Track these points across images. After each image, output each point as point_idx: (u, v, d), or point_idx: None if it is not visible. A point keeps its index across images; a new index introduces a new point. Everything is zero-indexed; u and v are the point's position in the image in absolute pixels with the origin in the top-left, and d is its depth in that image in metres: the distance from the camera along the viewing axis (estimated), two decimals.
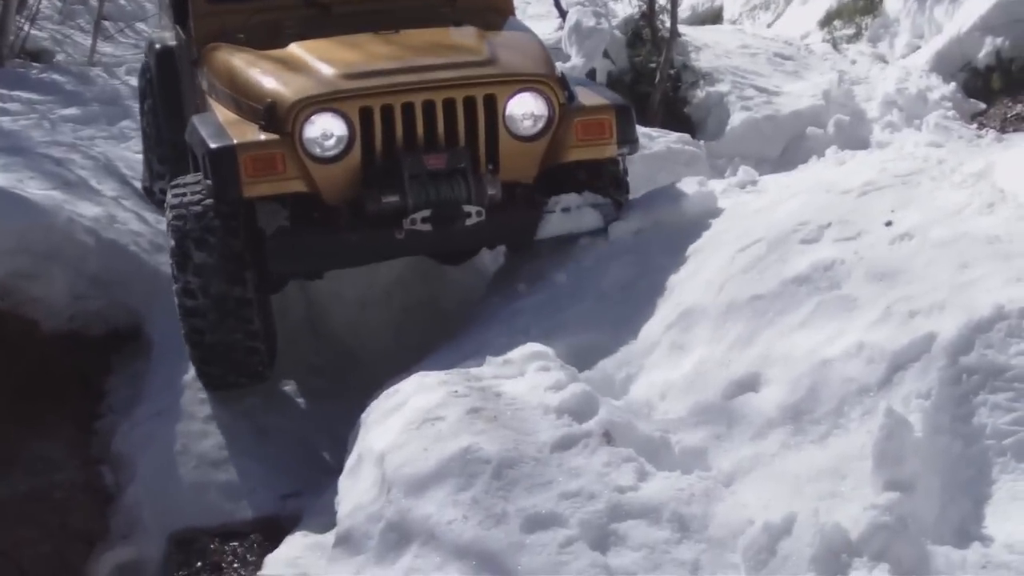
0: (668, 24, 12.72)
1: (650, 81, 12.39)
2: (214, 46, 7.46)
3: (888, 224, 5.68)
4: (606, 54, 12.90)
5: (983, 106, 12.29)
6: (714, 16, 18.48)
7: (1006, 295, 4.75)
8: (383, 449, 4.91)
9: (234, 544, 6.15)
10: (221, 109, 7.01)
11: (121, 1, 17.35)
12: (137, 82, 10.22)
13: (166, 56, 8.87)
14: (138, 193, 9.63)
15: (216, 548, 6.12)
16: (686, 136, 10.45)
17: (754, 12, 17.69)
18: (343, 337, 7.83)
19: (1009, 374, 4.48)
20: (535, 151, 6.79)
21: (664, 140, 9.90)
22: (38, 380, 7.35)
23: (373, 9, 7.62)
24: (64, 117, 11.78)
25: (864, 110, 12.11)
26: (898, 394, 4.59)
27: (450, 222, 6.49)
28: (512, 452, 4.60)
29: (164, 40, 9.09)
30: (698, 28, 15.44)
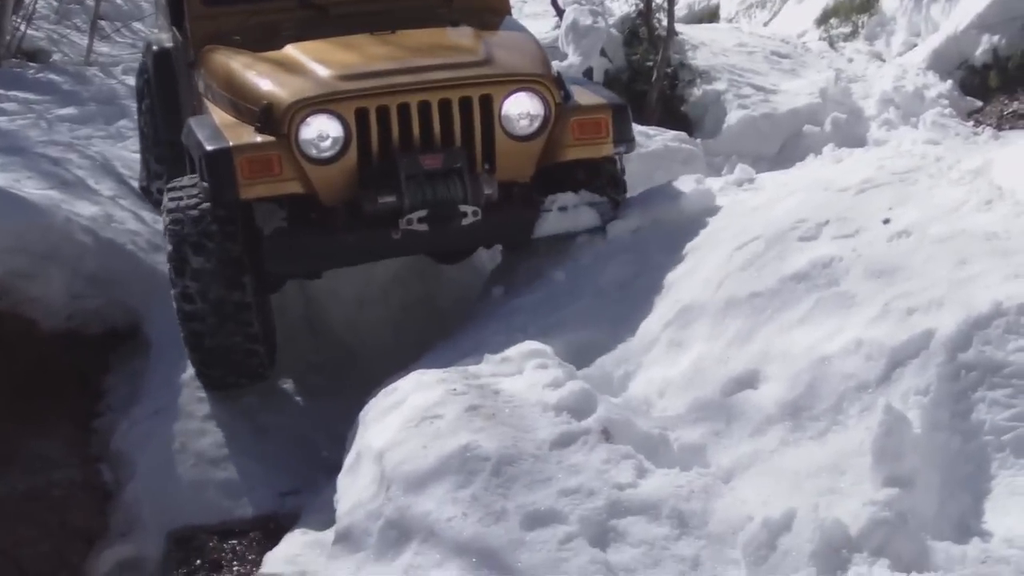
0: (665, 22, 12.72)
1: (647, 79, 12.40)
2: (210, 48, 7.45)
3: (886, 221, 5.69)
4: (603, 53, 12.91)
5: (980, 104, 12.29)
6: (711, 14, 18.47)
7: (1004, 292, 4.76)
8: (382, 447, 4.91)
9: (233, 542, 6.15)
10: (218, 111, 7.00)
11: (118, 1, 17.33)
12: (135, 82, 10.21)
13: (163, 57, 8.87)
14: (135, 192, 9.63)
15: (215, 546, 6.12)
16: (683, 134, 10.45)
17: (750, 10, 17.68)
18: (341, 335, 7.83)
19: (1007, 370, 4.49)
20: (531, 151, 6.78)
21: (661, 138, 9.90)
22: (37, 379, 7.35)
23: (369, 10, 7.60)
24: (61, 117, 11.76)
25: (861, 108, 12.10)
26: (897, 390, 4.60)
27: (446, 222, 6.49)
28: (511, 449, 4.61)
29: (161, 41, 9.09)
30: (695, 26, 15.44)
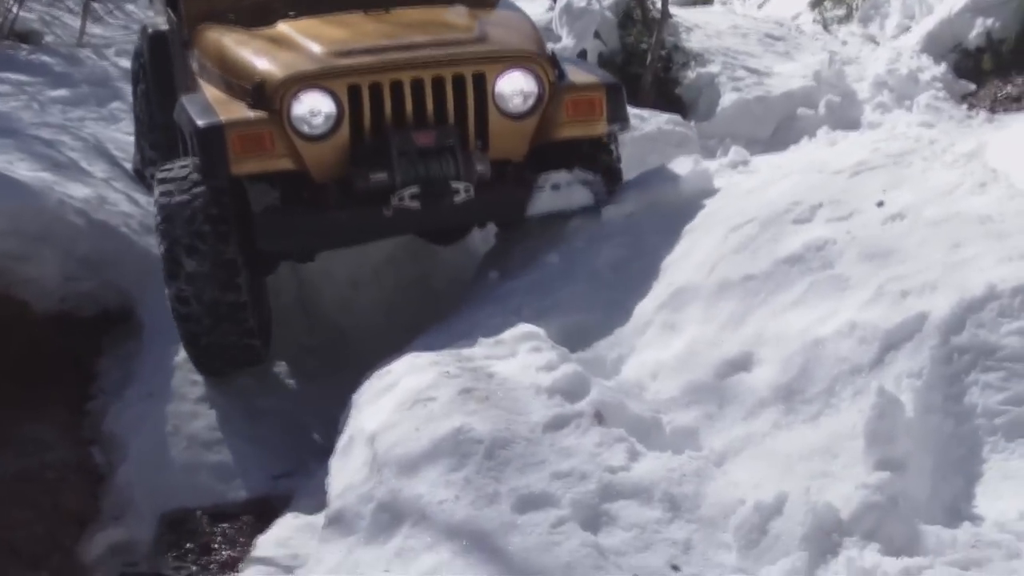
0: (659, 5, 12.69)
1: (641, 62, 12.39)
2: (204, 27, 7.45)
3: (880, 204, 5.69)
4: (597, 35, 12.90)
5: (973, 87, 12.29)
6: None
7: (998, 274, 4.76)
8: (375, 429, 4.91)
9: (225, 525, 6.14)
10: (210, 89, 6.99)
11: None
12: (131, 66, 10.18)
13: (159, 40, 8.84)
14: (128, 174, 9.62)
15: (207, 528, 6.12)
16: (677, 117, 10.45)
17: None
18: (335, 317, 7.82)
19: (1001, 353, 4.49)
20: (525, 129, 6.77)
21: (655, 121, 9.89)
22: (29, 361, 7.33)
23: None
24: (54, 99, 11.72)
25: (855, 91, 12.09)
26: (890, 373, 4.60)
27: (438, 199, 6.46)
28: (504, 432, 4.60)
29: (157, 24, 9.06)
30: (689, 9, 15.42)
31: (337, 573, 4.49)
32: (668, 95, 12.17)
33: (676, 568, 4.07)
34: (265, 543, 5.57)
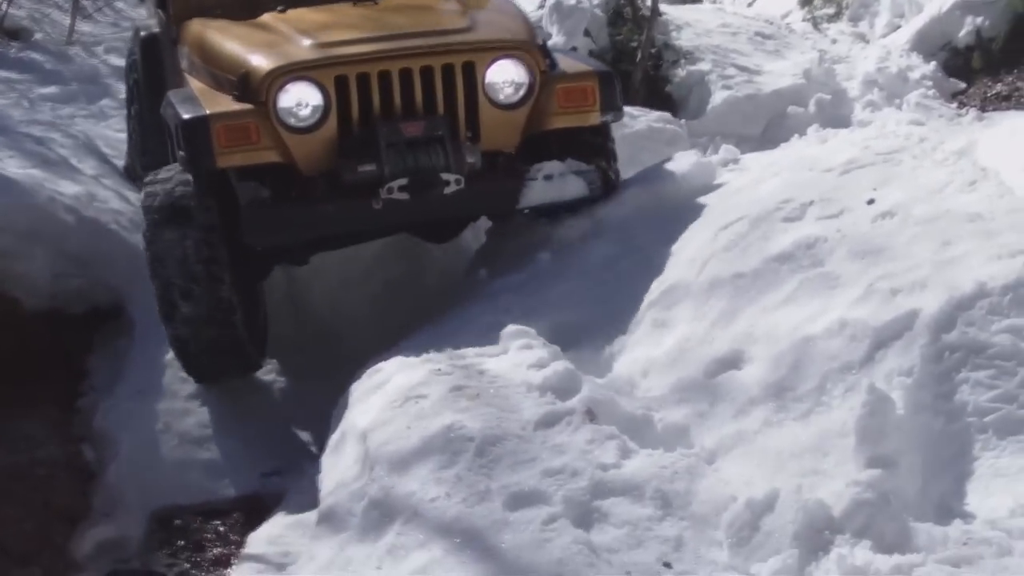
0: (649, 3, 12.69)
1: (631, 60, 12.38)
2: (191, 22, 7.42)
3: (870, 202, 5.69)
4: (587, 33, 12.87)
5: (963, 85, 12.31)
6: None
7: (988, 272, 4.77)
8: (366, 427, 4.91)
9: (216, 522, 6.14)
10: (197, 83, 6.94)
11: None
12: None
13: (151, 43, 8.75)
14: (118, 171, 9.60)
15: (198, 526, 6.12)
16: (667, 115, 10.43)
17: None
18: (325, 315, 7.80)
19: (991, 351, 4.50)
20: (516, 119, 6.68)
21: (645, 119, 9.88)
22: (19, 358, 7.31)
23: None
24: (43, 96, 11.70)
25: (845, 89, 12.10)
26: (880, 371, 4.60)
27: (428, 190, 6.35)
28: (495, 429, 4.60)
29: (150, 27, 9.01)
30: (679, 7, 15.37)
31: (329, 570, 4.50)
32: (658, 93, 12.16)
33: (668, 565, 4.07)
34: (257, 540, 5.57)
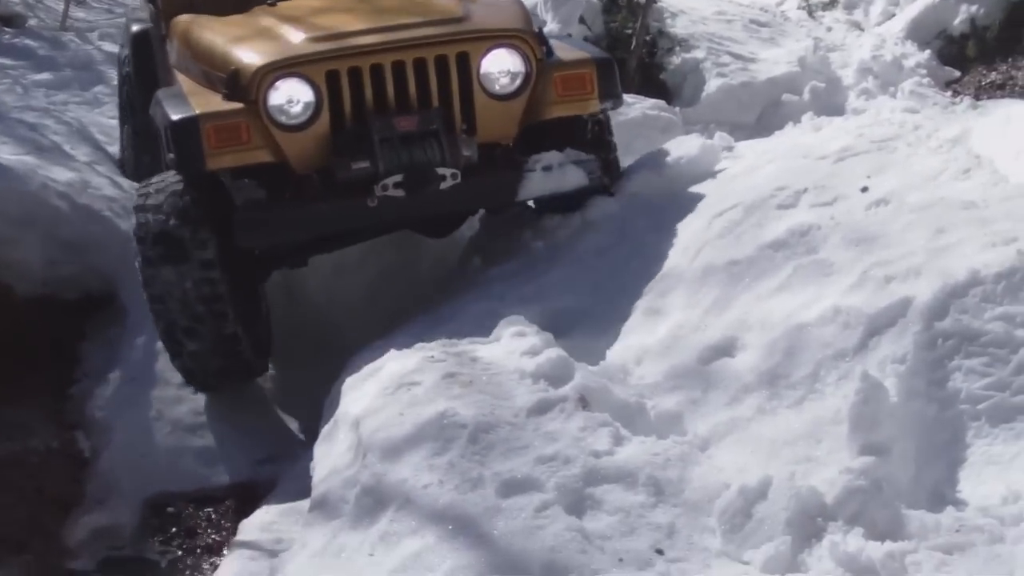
0: None
1: (626, 47, 12.35)
2: (180, 18, 7.33)
3: (864, 189, 5.69)
4: (582, 20, 12.85)
5: (957, 74, 12.33)
6: None
7: (981, 260, 4.77)
8: (359, 414, 4.90)
9: (209, 509, 6.15)
10: (187, 81, 6.81)
11: None
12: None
13: (142, 38, 8.55)
14: (112, 158, 9.58)
15: (191, 513, 6.13)
16: (662, 102, 10.43)
17: None
18: (319, 303, 7.80)
19: (984, 339, 4.50)
20: (513, 110, 6.54)
21: (640, 106, 9.87)
22: (12, 345, 7.30)
23: None
24: (37, 82, 11.67)
25: (840, 77, 12.11)
26: (874, 359, 4.60)
27: (423, 186, 6.22)
28: (488, 417, 4.59)
29: (143, 21, 8.93)
30: None
31: (322, 557, 4.49)
32: (653, 80, 12.16)
33: (660, 552, 4.07)
34: (249, 527, 5.56)
